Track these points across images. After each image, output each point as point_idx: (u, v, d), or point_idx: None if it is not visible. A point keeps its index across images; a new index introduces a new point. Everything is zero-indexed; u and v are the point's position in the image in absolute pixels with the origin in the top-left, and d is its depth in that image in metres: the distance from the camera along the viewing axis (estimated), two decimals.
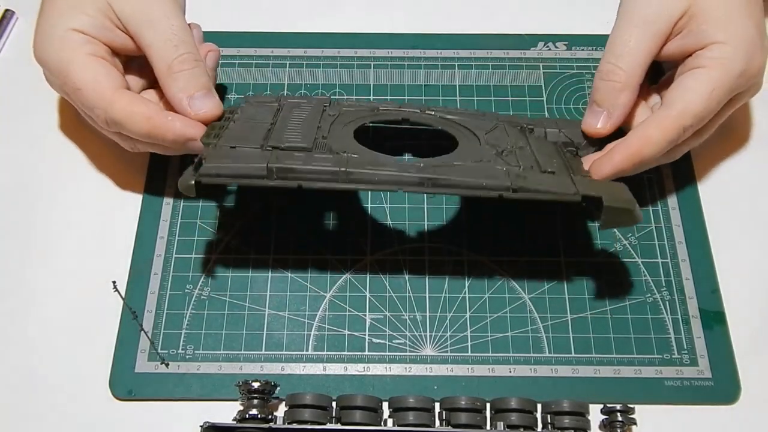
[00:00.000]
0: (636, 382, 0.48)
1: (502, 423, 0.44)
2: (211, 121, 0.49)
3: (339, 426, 0.44)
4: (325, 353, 0.49)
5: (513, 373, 0.48)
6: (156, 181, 0.54)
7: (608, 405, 0.45)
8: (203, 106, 0.49)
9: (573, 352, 0.49)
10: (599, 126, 0.50)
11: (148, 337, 0.49)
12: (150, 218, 0.53)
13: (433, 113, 0.52)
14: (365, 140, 0.49)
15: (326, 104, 0.52)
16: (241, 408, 0.45)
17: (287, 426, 0.44)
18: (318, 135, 0.47)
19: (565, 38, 0.61)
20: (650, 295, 0.51)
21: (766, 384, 0.48)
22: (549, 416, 0.44)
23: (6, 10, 0.62)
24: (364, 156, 0.45)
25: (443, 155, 0.47)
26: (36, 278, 0.51)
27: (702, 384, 0.48)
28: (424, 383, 0.48)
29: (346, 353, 0.49)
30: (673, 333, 0.49)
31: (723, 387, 0.48)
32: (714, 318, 0.50)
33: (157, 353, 0.49)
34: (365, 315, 0.50)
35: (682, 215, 0.54)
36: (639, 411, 0.45)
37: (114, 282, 0.51)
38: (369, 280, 0.51)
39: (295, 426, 0.44)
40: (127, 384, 0.48)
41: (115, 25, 0.50)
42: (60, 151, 0.56)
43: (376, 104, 0.53)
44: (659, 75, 0.53)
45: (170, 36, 0.49)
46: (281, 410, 0.46)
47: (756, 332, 0.50)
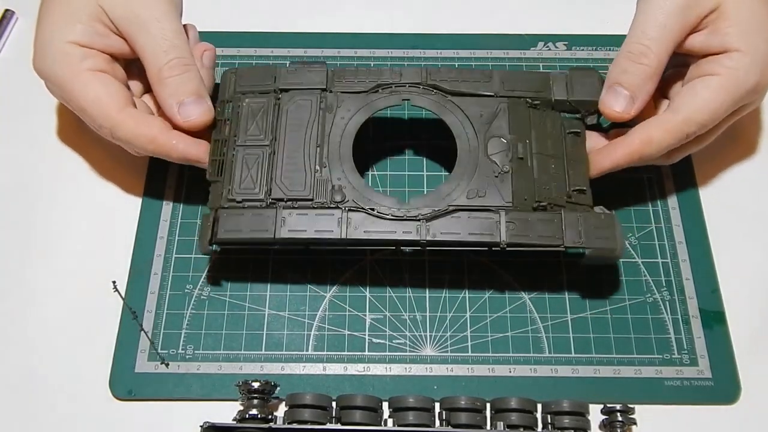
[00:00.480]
0: (636, 382, 0.48)
1: (502, 423, 0.44)
2: (202, 127, 0.49)
3: (339, 426, 0.44)
4: (325, 353, 0.49)
5: (513, 373, 0.48)
6: (156, 182, 0.54)
7: (608, 405, 0.45)
8: (192, 113, 0.49)
9: (573, 352, 0.49)
10: (621, 109, 0.49)
11: (148, 337, 0.49)
12: (150, 218, 0.53)
13: (435, 80, 0.50)
14: (366, 138, 0.49)
15: (323, 88, 0.50)
16: (241, 408, 0.45)
17: (287, 426, 0.44)
18: (318, 166, 0.48)
19: (565, 38, 0.61)
20: (650, 295, 0.51)
21: (766, 384, 0.48)
22: (549, 416, 0.44)
23: (6, 10, 0.62)
24: (364, 200, 0.47)
25: (440, 185, 0.48)
26: (36, 278, 0.51)
27: (702, 384, 0.48)
28: (424, 383, 0.48)
29: (346, 353, 0.49)
30: (673, 333, 0.49)
31: (723, 387, 0.48)
32: (714, 318, 0.50)
33: (157, 353, 0.49)
34: (365, 315, 0.50)
35: (682, 215, 0.53)
36: (639, 411, 0.45)
37: (114, 282, 0.51)
38: (369, 280, 0.51)
39: (295, 426, 0.44)
40: (127, 384, 0.48)
41: (110, 30, 0.50)
42: (60, 151, 0.56)
43: (376, 74, 0.51)
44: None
45: (161, 41, 0.49)
46: (281, 410, 0.46)
47: (756, 332, 0.50)
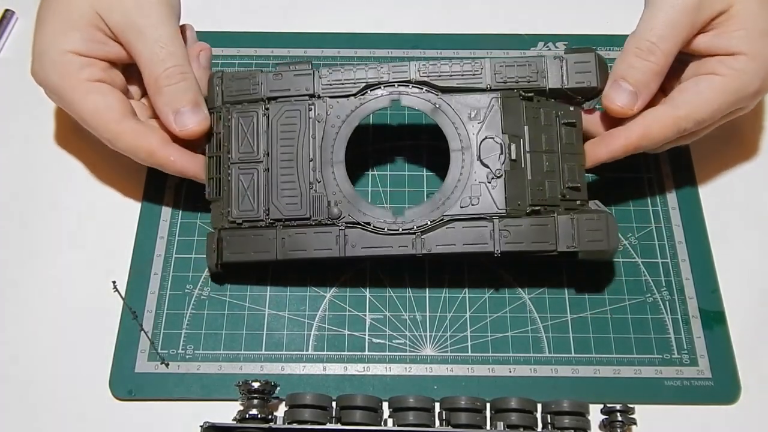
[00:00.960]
0: (636, 382, 0.48)
1: (502, 423, 0.44)
2: (198, 136, 0.49)
3: (339, 426, 0.44)
4: (325, 353, 0.49)
5: (513, 373, 0.48)
6: (156, 182, 0.54)
7: (608, 405, 0.45)
8: (189, 122, 0.49)
9: (573, 352, 0.49)
10: (624, 105, 0.48)
11: (148, 337, 0.49)
12: (150, 218, 0.53)
13: (426, 76, 0.49)
14: (366, 139, 0.50)
15: (310, 93, 0.49)
16: (241, 408, 0.45)
17: (287, 426, 0.44)
18: (313, 181, 0.48)
19: (565, 38, 0.61)
20: (650, 295, 0.51)
21: (766, 384, 0.48)
22: (549, 416, 0.44)
23: (6, 10, 0.62)
24: (359, 215, 0.48)
25: (433, 196, 0.48)
26: (36, 278, 0.51)
27: (702, 384, 0.48)
28: (424, 383, 0.48)
29: (346, 353, 0.49)
30: (673, 333, 0.49)
31: (723, 387, 0.48)
32: (714, 318, 0.50)
33: (157, 353, 0.49)
34: (365, 315, 0.50)
35: (682, 215, 0.53)
36: (639, 411, 0.45)
37: (114, 282, 0.51)
38: (369, 280, 0.51)
39: (295, 426, 0.44)
40: (127, 384, 0.48)
41: (108, 36, 0.49)
42: (60, 151, 0.56)
43: (363, 69, 0.50)
44: None
45: (157, 48, 0.48)
46: (281, 410, 0.46)
47: (756, 332, 0.50)
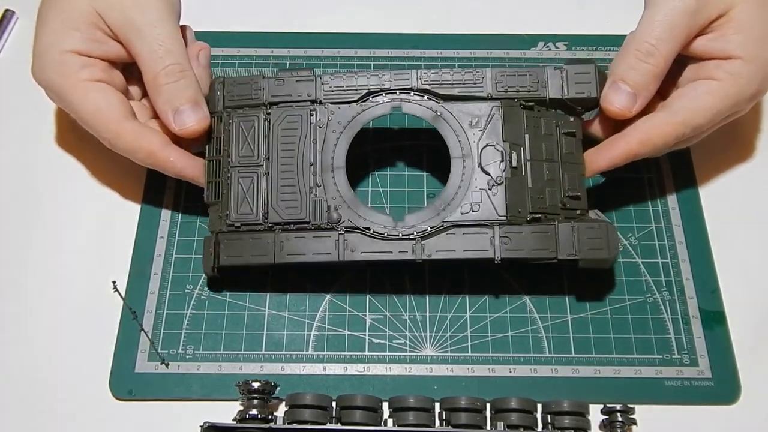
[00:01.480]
0: (636, 382, 0.48)
1: (502, 423, 0.44)
2: (198, 135, 0.49)
3: (339, 426, 0.44)
4: (325, 353, 0.49)
5: (513, 373, 0.48)
6: (156, 182, 0.54)
7: (608, 405, 0.45)
8: (188, 121, 0.49)
9: (573, 352, 0.49)
10: (623, 107, 0.48)
11: (148, 337, 0.49)
12: (150, 218, 0.53)
13: (427, 84, 0.49)
14: (366, 141, 0.50)
15: (312, 98, 0.49)
16: (241, 408, 0.45)
17: (287, 426, 0.44)
18: (313, 185, 0.48)
19: (565, 38, 0.61)
20: (650, 295, 0.51)
21: (766, 384, 0.48)
22: (549, 416, 0.44)
23: (6, 10, 0.62)
24: (359, 219, 0.47)
25: (433, 201, 0.48)
26: (36, 278, 0.51)
27: (702, 384, 0.48)
28: (424, 383, 0.48)
29: (346, 353, 0.49)
30: (673, 333, 0.49)
31: (723, 387, 0.48)
32: (714, 318, 0.50)
33: (157, 353, 0.49)
34: (365, 315, 0.50)
35: (682, 215, 0.53)
36: (639, 411, 0.45)
37: (114, 282, 0.51)
38: (369, 281, 0.51)
39: (295, 426, 0.44)
40: (127, 384, 0.48)
41: (108, 35, 0.49)
42: (60, 151, 0.56)
43: (365, 75, 0.50)
44: None
45: (156, 47, 0.48)
46: (281, 410, 0.46)
47: (756, 332, 0.50)
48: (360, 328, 0.50)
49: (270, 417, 0.44)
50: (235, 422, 0.44)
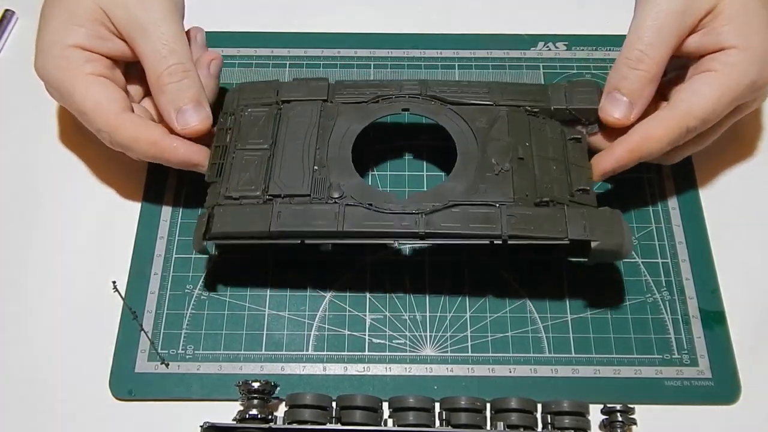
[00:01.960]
0: (636, 382, 0.48)
1: (502, 423, 0.44)
2: (200, 134, 0.49)
3: (339, 426, 0.44)
4: (325, 353, 0.49)
5: (513, 373, 0.48)
6: (156, 182, 0.54)
7: (608, 405, 0.45)
8: (190, 121, 0.49)
9: (573, 352, 0.49)
10: (620, 116, 0.49)
11: (148, 337, 0.49)
12: (150, 218, 0.53)
13: (434, 92, 0.51)
14: (366, 140, 0.50)
15: (324, 98, 0.51)
16: (241, 408, 0.45)
17: (287, 426, 0.44)
18: (317, 166, 0.48)
19: (565, 38, 0.61)
20: (650, 295, 0.51)
21: (766, 384, 0.48)
22: (549, 416, 0.44)
23: (6, 10, 0.62)
24: (362, 196, 0.47)
25: (439, 183, 0.48)
26: (36, 278, 0.51)
27: (702, 384, 0.48)
28: (424, 383, 0.48)
29: (346, 353, 0.49)
30: (673, 333, 0.49)
31: (723, 387, 0.48)
32: (714, 318, 0.50)
33: (157, 353, 0.49)
34: (365, 315, 0.50)
35: (682, 215, 0.53)
36: (639, 411, 0.45)
37: (114, 282, 0.51)
38: (369, 281, 0.51)
39: (295, 426, 0.44)
40: (127, 384, 0.48)
41: (112, 33, 0.49)
42: (60, 150, 0.56)
43: (376, 86, 0.52)
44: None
45: (160, 46, 0.48)
46: (281, 410, 0.46)
47: (756, 332, 0.50)
48: (360, 328, 0.50)
49: (270, 417, 0.44)
50: (235, 422, 0.44)
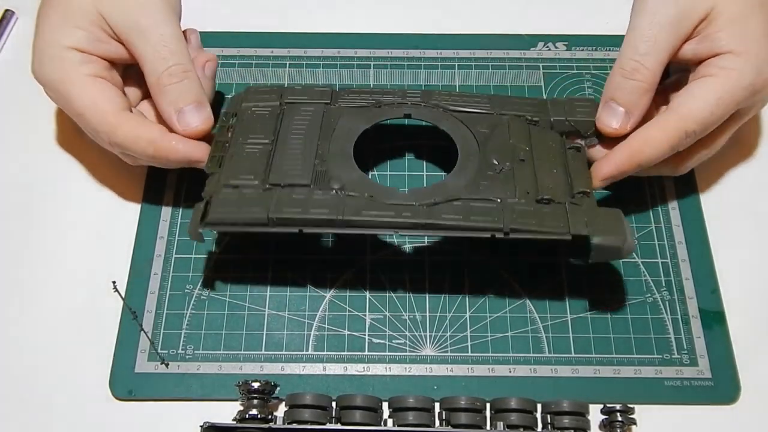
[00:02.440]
0: (636, 382, 0.48)
1: (502, 423, 0.44)
2: (202, 135, 0.49)
3: (339, 426, 0.44)
4: (325, 353, 0.49)
5: (513, 373, 0.48)
6: (156, 182, 0.54)
7: (608, 405, 0.45)
8: (191, 121, 0.49)
9: (573, 352, 0.49)
10: (617, 126, 0.49)
11: (148, 337, 0.49)
12: (150, 218, 0.53)
13: (437, 101, 0.52)
14: (367, 140, 0.50)
15: (327, 101, 0.51)
16: (241, 408, 0.45)
17: (287, 426, 0.44)
18: (318, 160, 0.48)
19: (565, 38, 0.61)
20: (650, 295, 0.51)
21: (766, 384, 0.48)
22: (549, 416, 0.44)
23: (6, 10, 0.62)
24: (363, 189, 0.46)
25: (440, 180, 0.48)
26: (36, 278, 0.51)
27: (702, 384, 0.48)
28: (424, 383, 0.48)
29: (346, 353, 0.49)
30: (673, 333, 0.49)
31: (723, 387, 0.48)
32: (714, 318, 0.50)
33: (157, 353, 0.49)
34: (365, 315, 0.50)
35: (682, 215, 0.54)
36: (639, 411, 0.45)
37: (114, 282, 0.51)
38: (369, 280, 0.51)
39: (295, 426, 0.44)
40: (127, 384, 0.48)
41: (109, 36, 0.49)
42: (60, 151, 0.56)
43: (379, 93, 0.52)
44: (664, 76, 0.53)
45: (160, 47, 0.48)
46: (281, 410, 0.46)
47: (756, 332, 0.50)
48: (360, 328, 0.50)
49: (270, 417, 0.44)
50: (235, 422, 0.44)
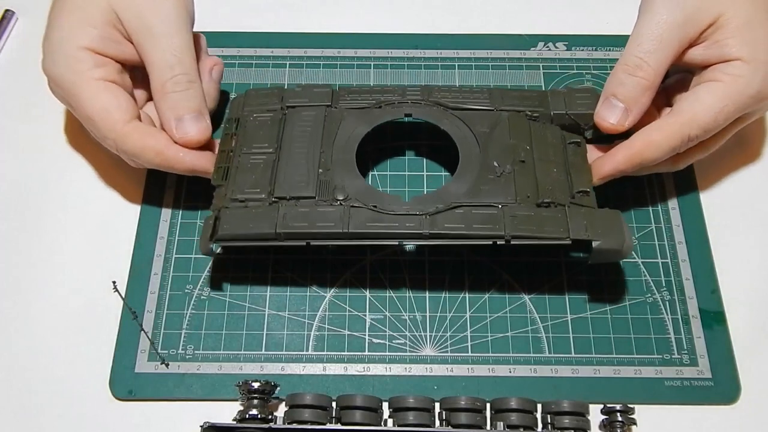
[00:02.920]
0: (636, 382, 0.48)
1: (502, 423, 0.44)
2: (199, 145, 0.49)
3: (339, 426, 0.44)
4: (325, 353, 0.49)
5: (513, 373, 0.48)
6: (156, 182, 0.54)
7: (608, 405, 0.45)
8: (190, 130, 0.49)
9: (573, 352, 0.49)
10: (615, 122, 0.49)
11: (148, 337, 0.49)
12: (150, 218, 0.53)
13: (436, 98, 0.52)
14: (366, 139, 0.50)
15: (328, 104, 0.52)
16: (241, 408, 0.45)
17: (287, 426, 0.44)
18: (322, 169, 0.48)
19: (565, 38, 0.61)
20: (650, 295, 0.51)
21: (766, 384, 0.48)
22: (549, 416, 0.44)
23: (6, 11, 0.62)
24: (366, 199, 0.47)
25: (442, 186, 0.49)
26: (36, 278, 0.51)
27: (702, 384, 0.48)
28: (424, 383, 0.48)
29: (346, 353, 0.49)
30: (673, 333, 0.49)
31: (723, 387, 0.48)
32: (714, 318, 0.50)
33: (157, 353, 0.49)
34: (365, 315, 0.50)
35: (682, 215, 0.54)
36: (639, 411, 0.45)
37: (114, 282, 0.51)
38: (369, 280, 0.51)
39: (295, 426, 0.44)
40: (127, 384, 0.48)
41: (123, 36, 0.49)
42: (60, 151, 0.56)
43: (379, 92, 0.53)
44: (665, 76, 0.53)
45: (168, 55, 0.48)
46: (281, 410, 0.46)
47: (756, 332, 0.50)
48: (360, 328, 0.50)
49: (270, 417, 0.44)
50: (235, 422, 0.44)
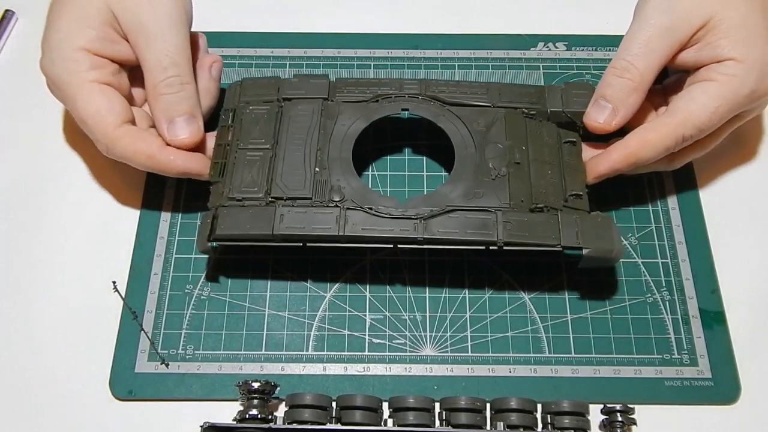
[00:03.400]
0: (636, 382, 0.48)
1: (502, 423, 0.44)
2: (189, 147, 0.49)
3: (339, 426, 0.44)
4: (325, 353, 0.49)
5: (513, 373, 0.48)
6: (156, 182, 0.54)
7: (608, 405, 0.45)
8: (180, 133, 0.49)
9: (573, 352, 0.49)
10: (602, 121, 0.50)
11: (148, 337, 0.49)
12: (150, 218, 0.53)
13: (434, 92, 0.52)
14: (366, 139, 0.50)
15: (325, 97, 0.52)
16: (241, 408, 0.45)
17: (287, 426, 0.44)
18: (318, 167, 0.49)
19: (565, 38, 0.61)
20: (650, 295, 0.51)
21: (766, 384, 0.48)
22: (549, 416, 0.44)
23: (6, 11, 0.62)
24: (362, 200, 0.48)
25: (437, 188, 0.49)
26: (36, 278, 0.51)
27: (702, 384, 0.48)
28: (424, 383, 0.48)
29: (346, 353, 0.49)
30: (673, 333, 0.49)
31: (723, 387, 0.48)
32: (714, 318, 0.50)
33: (157, 353, 0.49)
34: (365, 315, 0.50)
35: (682, 215, 0.54)
36: (639, 411, 0.45)
37: (114, 282, 0.51)
38: (369, 280, 0.51)
39: (295, 426, 0.44)
40: (127, 384, 0.48)
41: (121, 36, 0.49)
42: (60, 151, 0.56)
43: (376, 85, 0.52)
44: (664, 76, 0.53)
45: (162, 56, 0.48)
46: (281, 410, 0.46)
47: (756, 332, 0.50)
48: (360, 328, 0.50)
49: (270, 417, 0.44)
50: (235, 422, 0.44)
